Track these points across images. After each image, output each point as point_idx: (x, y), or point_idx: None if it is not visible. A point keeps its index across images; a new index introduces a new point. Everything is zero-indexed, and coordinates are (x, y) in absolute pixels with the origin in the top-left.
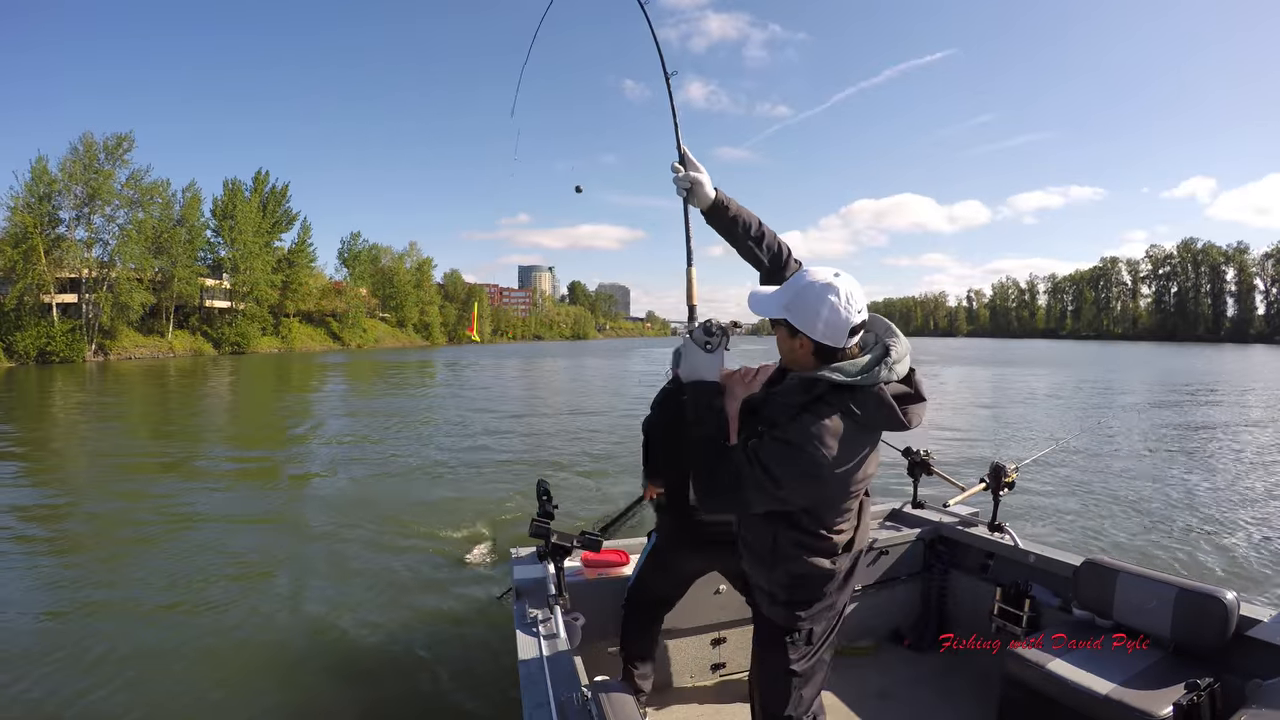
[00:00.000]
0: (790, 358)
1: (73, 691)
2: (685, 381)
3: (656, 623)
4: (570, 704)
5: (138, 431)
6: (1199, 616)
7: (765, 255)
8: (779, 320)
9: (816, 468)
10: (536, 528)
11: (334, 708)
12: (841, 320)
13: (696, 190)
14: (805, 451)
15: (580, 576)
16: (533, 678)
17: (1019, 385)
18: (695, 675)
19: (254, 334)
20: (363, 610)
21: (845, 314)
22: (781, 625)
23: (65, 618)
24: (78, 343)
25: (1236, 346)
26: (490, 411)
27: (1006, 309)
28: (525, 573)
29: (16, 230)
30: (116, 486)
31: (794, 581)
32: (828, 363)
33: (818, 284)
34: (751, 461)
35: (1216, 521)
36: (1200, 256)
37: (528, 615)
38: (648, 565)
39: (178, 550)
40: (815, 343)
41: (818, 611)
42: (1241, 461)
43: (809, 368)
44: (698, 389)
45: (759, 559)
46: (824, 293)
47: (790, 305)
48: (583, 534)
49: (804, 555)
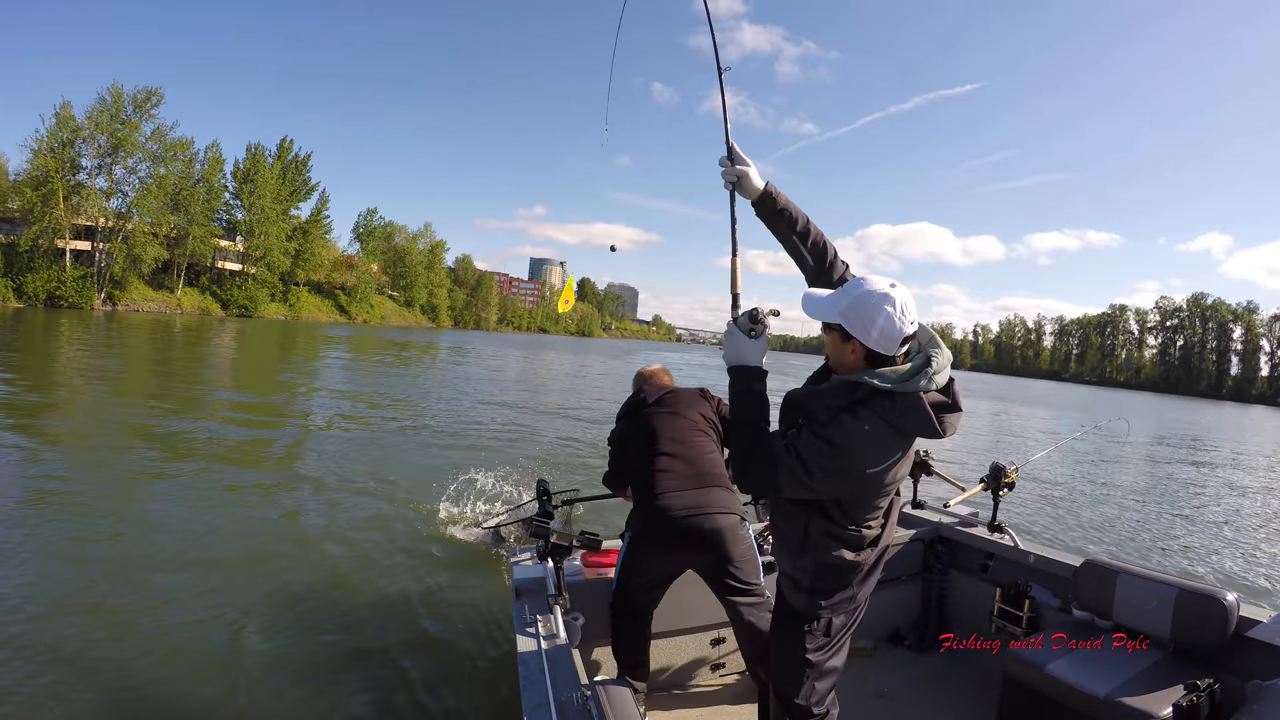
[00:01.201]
0: (840, 361)
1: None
2: (730, 366)
3: (645, 624)
4: (570, 704)
5: (135, 386)
6: (1199, 617)
7: (810, 253)
8: (832, 324)
9: (848, 467)
10: (536, 528)
11: (329, 706)
12: (896, 330)
13: (744, 182)
14: (840, 450)
15: (580, 576)
16: (532, 677)
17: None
18: (695, 675)
19: (262, 298)
20: (359, 609)
21: (900, 324)
22: (802, 612)
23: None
24: (87, 289)
25: (1237, 405)
26: (494, 403)
27: (1012, 347)
28: (525, 572)
29: (38, 173)
30: (105, 444)
31: (820, 570)
32: (875, 368)
33: (876, 293)
34: (789, 450)
35: (1216, 522)
36: (1209, 312)
37: (528, 615)
38: (624, 567)
39: (155, 536)
40: (868, 350)
41: (838, 602)
42: (1240, 464)
43: (854, 369)
44: (741, 373)
45: (789, 545)
46: (881, 302)
47: (846, 312)
48: (582, 534)
49: (833, 546)
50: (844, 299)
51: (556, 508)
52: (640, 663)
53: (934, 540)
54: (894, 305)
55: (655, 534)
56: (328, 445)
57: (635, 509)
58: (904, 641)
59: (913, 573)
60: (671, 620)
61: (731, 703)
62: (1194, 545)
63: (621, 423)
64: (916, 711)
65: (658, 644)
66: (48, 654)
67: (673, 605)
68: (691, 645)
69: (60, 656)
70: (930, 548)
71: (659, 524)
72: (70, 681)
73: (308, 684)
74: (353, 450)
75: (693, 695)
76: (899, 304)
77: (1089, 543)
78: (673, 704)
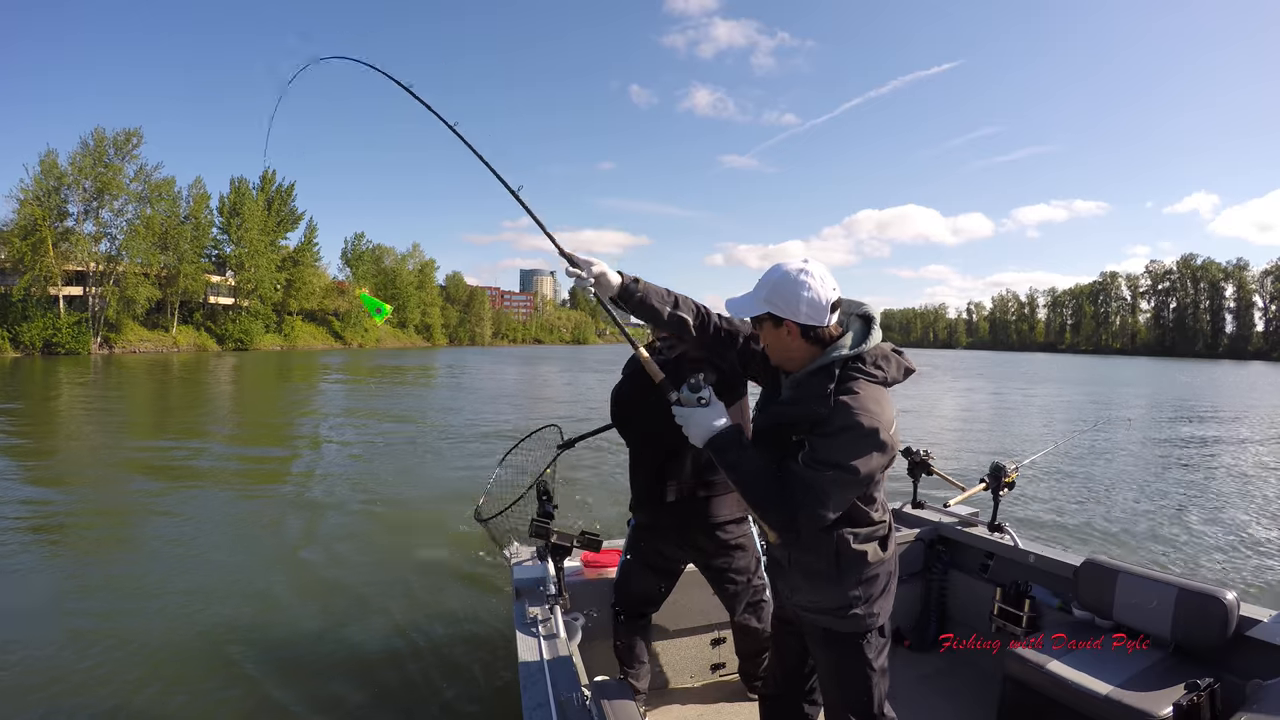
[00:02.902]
0: (782, 351)
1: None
2: (704, 445)
3: (646, 622)
4: (570, 704)
5: (136, 426)
6: (1199, 616)
7: (691, 316)
8: (761, 318)
9: (882, 436)
10: (536, 528)
11: (330, 706)
12: (821, 299)
13: (602, 282)
14: (864, 426)
15: (580, 576)
16: (533, 678)
17: (1017, 400)
18: (695, 675)
19: (257, 331)
20: (359, 610)
21: (822, 291)
22: (852, 632)
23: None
24: (83, 335)
25: (1234, 363)
26: (489, 409)
27: (1006, 322)
28: (525, 573)
29: (26, 222)
30: (109, 477)
31: (862, 581)
32: (815, 344)
33: (791, 272)
34: (817, 468)
35: (1216, 522)
36: (1200, 273)
37: (528, 615)
38: (627, 561)
39: (165, 547)
40: (800, 325)
41: (883, 601)
42: (1242, 463)
43: (799, 356)
44: (718, 442)
45: (823, 579)
46: (799, 276)
47: (771, 297)
48: (583, 534)
49: (865, 553)
50: (764, 288)
51: (561, 450)
52: (640, 663)
53: (934, 540)
54: (811, 275)
55: (660, 529)
56: (330, 461)
57: (638, 498)
58: (904, 641)
59: (913, 572)
60: (671, 620)
61: (731, 702)
62: (1194, 544)
63: (627, 385)
64: (916, 711)
65: (658, 644)
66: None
67: (673, 605)
68: (691, 645)
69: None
70: (930, 547)
71: (663, 519)
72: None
73: (308, 684)
74: (355, 464)
75: (693, 695)
76: (816, 274)
77: (1089, 542)
78: (673, 704)
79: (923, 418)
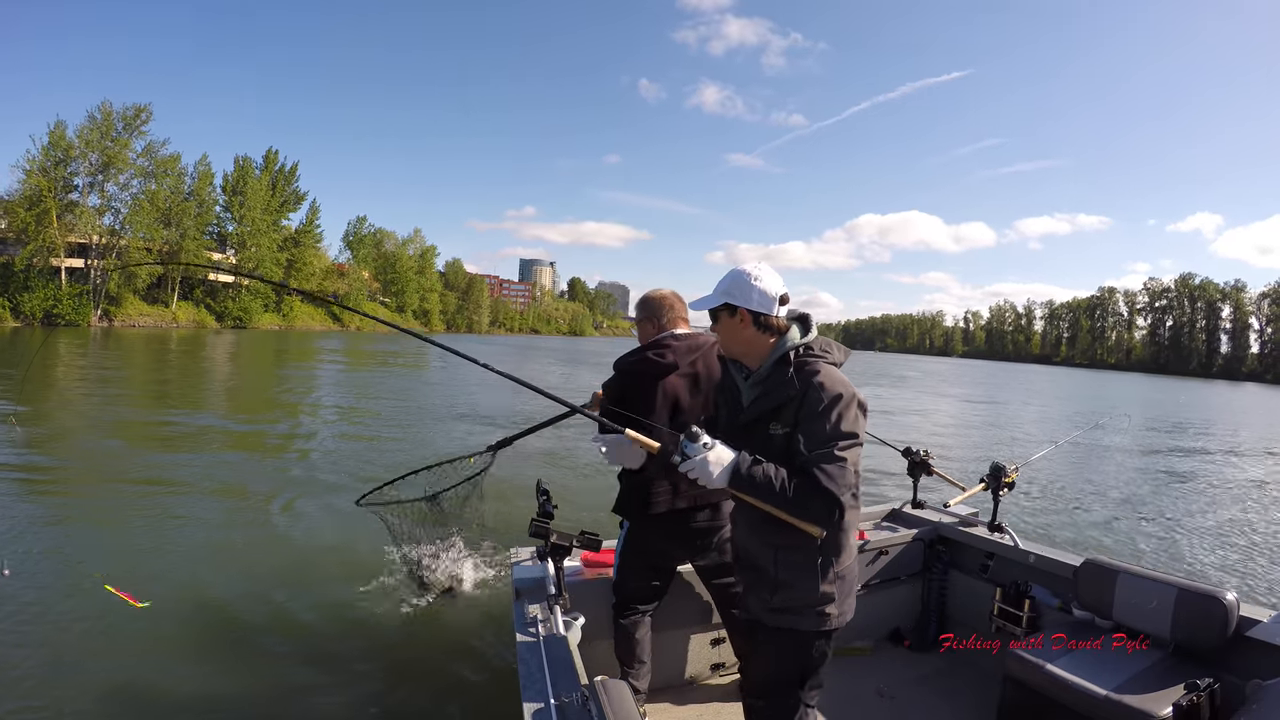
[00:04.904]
0: (735, 338)
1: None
2: (728, 486)
3: (645, 624)
4: (570, 704)
5: (136, 397)
6: (1199, 617)
7: None
8: (719, 312)
9: (857, 399)
10: (536, 528)
11: (328, 706)
12: (770, 292)
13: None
14: (844, 395)
15: (580, 576)
16: (532, 677)
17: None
18: (695, 675)
19: (256, 309)
20: (358, 609)
21: (771, 284)
22: (815, 630)
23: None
24: (84, 307)
25: (1228, 384)
26: (484, 402)
27: (1003, 332)
28: (525, 573)
29: (31, 193)
30: (106, 448)
31: (838, 575)
32: (765, 332)
33: (746, 269)
34: (826, 446)
35: (1216, 522)
36: (1198, 292)
37: (528, 615)
38: (624, 559)
39: (158, 537)
40: (752, 313)
41: (850, 601)
42: (1241, 463)
43: (752, 345)
44: (736, 475)
45: (810, 572)
46: (753, 271)
47: (729, 289)
48: (582, 534)
49: (843, 537)
50: (724, 283)
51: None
52: (640, 662)
53: (934, 540)
54: (763, 271)
55: (653, 525)
56: (322, 452)
57: (630, 494)
58: (904, 641)
59: (913, 573)
60: (671, 620)
61: (731, 701)
62: (1194, 544)
63: (627, 380)
64: (916, 711)
65: (658, 644)
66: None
67: (673, 605)
68: (691, 645)
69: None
70: (930, 548)
71: (657, 514)
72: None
73: (307, 684)
74: (350, 456)
75: (693, 695)
76: (766, 273)
77: (1089, 542)
78: (673, 704)
79: (923, 418)
